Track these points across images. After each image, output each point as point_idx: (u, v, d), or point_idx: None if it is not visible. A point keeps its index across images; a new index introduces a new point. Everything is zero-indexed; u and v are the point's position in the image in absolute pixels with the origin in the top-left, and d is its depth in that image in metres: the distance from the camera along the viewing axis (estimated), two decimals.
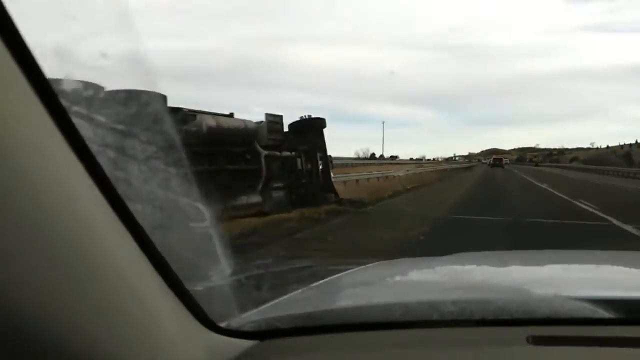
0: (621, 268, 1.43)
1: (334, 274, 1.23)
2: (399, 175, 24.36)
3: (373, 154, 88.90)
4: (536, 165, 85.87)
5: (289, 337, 0.85)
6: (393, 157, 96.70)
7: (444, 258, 1.48)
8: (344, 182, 16.10)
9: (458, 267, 1.41)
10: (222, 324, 0.81)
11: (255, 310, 0.92)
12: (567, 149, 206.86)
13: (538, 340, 0.75)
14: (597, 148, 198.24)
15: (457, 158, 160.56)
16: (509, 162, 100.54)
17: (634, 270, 1.35)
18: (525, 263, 1.50)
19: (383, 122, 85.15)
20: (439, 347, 0.80)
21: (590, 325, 0.79)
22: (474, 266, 1.45)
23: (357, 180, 17.93)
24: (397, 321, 0.83)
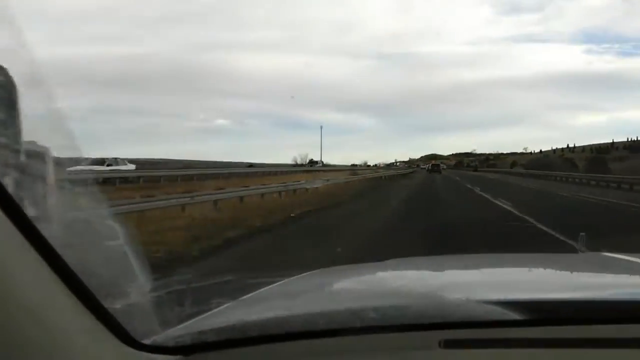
0: (532, 270, 1.60)
1: (257, 288, 1.27)
2: (313, 187, 20.45)
3: (312, 160, 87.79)
4: (475, 171, 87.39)
5: (214, 351, 0.87)
6: (324, 164, 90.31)
7: (373, 265, 1.59)
8: (215, 202, 12.16)
9: (383, 274, 1.52)
10: (146, 341, 0.82)
11: (180, 326, 0.93)
12: (502, 154, 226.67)
13: (449, 344, 0.83)
14: (531, 152, 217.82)
15: (398, 164, 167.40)
16: (445, 167, 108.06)
17: (542, 272, 1.52)
18: (447, 268, 1.63)
19: (321, 127, 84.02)
20: (359, 354, 0.85)
21: (500, 328, 0.86)
22: (399, 272, 1.56)
23: (241, 198, 14.12)
24: (321, 330, 0.88)
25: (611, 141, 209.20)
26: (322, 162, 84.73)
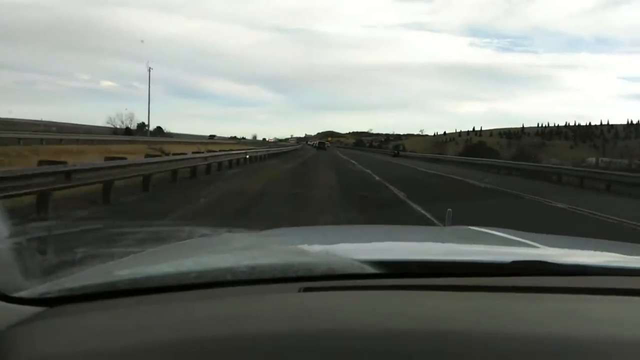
0: (397, 237, 2.03)
1: (121, 237, 1.45)
2: None
3: (143, 125, 72.80)
4: (397, 155, 70.99)
5: (79, 303, 1.03)
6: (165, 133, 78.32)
7: (257, 233, 1.89)
8: None
9: (263, 238, 1.81)
10: (10, 293, 0.97)
11: (49, 283, 1.08)
12: (399, 135, 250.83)
13: (307, 290, 1.08)
14: (426, 135, 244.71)
15: (291, 139, 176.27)
16: (330, 144, 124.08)
17: (405, 239, 1.94)
18: (324, 235, 2.00)
19: (150, 69, 70.31)
20: (226, 299, 1.09)
21: (355, 280, 1.15)
22: (280, 237, 1.88)
23: None
24: (193, 283, 1.09)
25: (521, 126, 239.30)
26: (148, 129, 69.87)
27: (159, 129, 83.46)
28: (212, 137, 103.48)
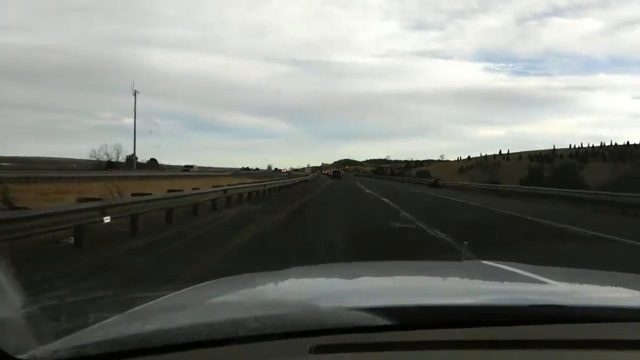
0: (410, 277, 2.13)
1: (135, 303, 1.51)
2: None
3: (131, 158, 68.29)
4: (436, 185, 56.77)
5: None
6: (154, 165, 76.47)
7: (264, 274, 1.97)
8: None
9: (270, 284, 1.91)
10: (21, 356, 1.03)
11: (59, 341, 1.14)
12: (419, 161, 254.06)
13: (319, 349, 1.12)
14: (447, 161, 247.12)
15: (307, 169, 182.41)
16: (345, 173, 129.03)
17: (418, 279, 2.04)
18: (333, 276, 2.12)
19: (135, 93, 67.91)
20: None
21: (368, 333, 1.18)
22: (286, 282, 1.97)
23: None
24: (204, 340, 1.14)
25: (552, 148, 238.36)
26: (134, 159, 65.88)
27: (152, 161, 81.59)
28: (187, 168, 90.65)
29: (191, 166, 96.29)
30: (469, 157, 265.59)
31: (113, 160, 69.70)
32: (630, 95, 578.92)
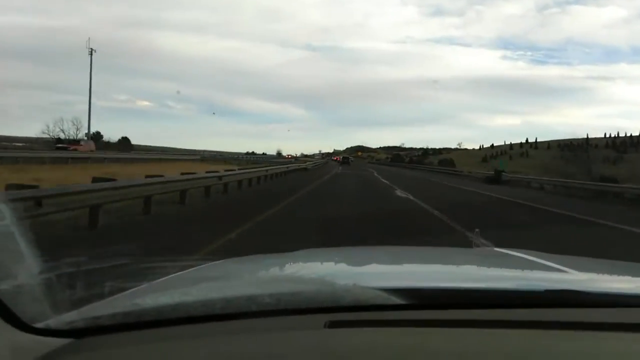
0: (424, 262, 2.19)
1: (151, 272, 1.60)
2: None
3: (94, 135, 59.78)
4: (497, 181, 40.14)
5: (107, 335, 1.16)
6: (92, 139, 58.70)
7: (280, 255, 2.05)
8: None
9: (287, 263, 2.00)
10: (37, 325, 1.10)
11: (74, 311, 1.22)
12: (436, 149, 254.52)
13: (334, 324, 1.18)
14: (465, 149, 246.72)
15: (317, 155, 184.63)
16: (353, 159, 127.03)
17: (432, 264, 2.11)
18: (349, 258, 2.19)
19: (91, 51, 60.41)
20: (251, 334, 1.19)
21: (382, 311, 1.25)
22: (302, 262, 2.06)
23: None
24: (218, 314, 1.21)
25: (586, 136, 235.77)
26: (88, 137, 56.01)
27: (124, 141, 68.95)
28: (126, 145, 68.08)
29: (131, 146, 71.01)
30: (492, 145, 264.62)
31: (70, 137, 59.41)
32: None
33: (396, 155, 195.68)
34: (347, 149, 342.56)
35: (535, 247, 2.25)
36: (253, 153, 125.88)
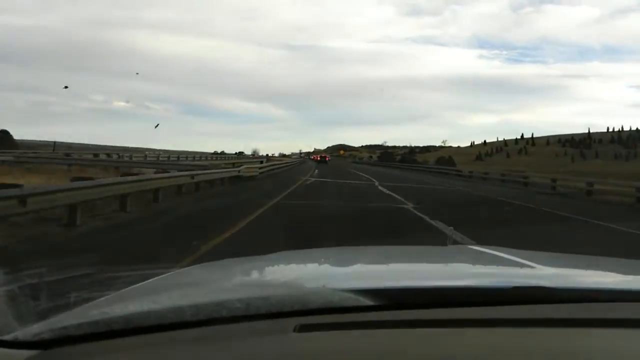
0: (396, 261, 2.32)
1: (115, 281, 1.67)
2: None
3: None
4: None
5: (76, 345, 1.22)
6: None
7: (252, 258, 2.21)
8: None
9: (258, 266, 2.09)
10: (5, 337, 1.16)
11: (43, 322, 1.28)
12: (420, 147, 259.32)
13: (304, 328, 1.25)
14: (450, 147, 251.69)
15: (294, 155, 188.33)
16: (330, 158, 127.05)
17: (404, 262, 2.25)
18: (321, 260, 2.32)
19: None
20: (222, 341, 1.25)
21: (352, 313, 1.32)
22: (274, 265, 2.17)
23: None
24: (189, 321, 1.27)
25: (587, 131, 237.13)
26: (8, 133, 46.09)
27: (3, 133, 56.50)
28: None
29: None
30: (484, 142, 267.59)
31: None
32: (624, 84, 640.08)
33: (385, 154, 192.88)
34: (328, 147, 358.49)
35: None
36: (222, 153, 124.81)
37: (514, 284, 1.51)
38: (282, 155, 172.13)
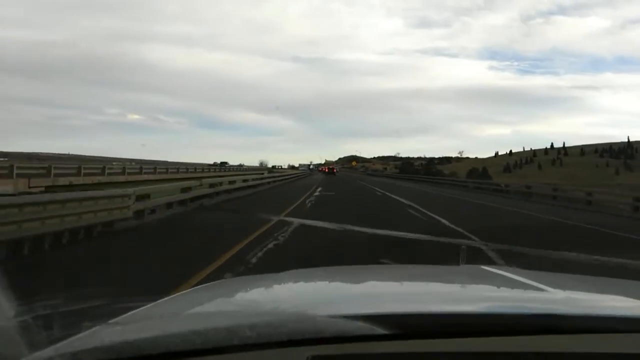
0: (410, 283, 2.39)
1: (129, 311, 1.74)
2: None
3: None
4: None
5: None
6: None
7: (262, 277, 2.33)
8: None
9: (269, 289, 2.17)
10: None
11: (51, 347, 1.35)
12: (438, 158, 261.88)
13: (316, 359, 1.30)
14: (467, 158, 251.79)
15: (301, 167, 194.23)
16: (338, 170, 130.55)
17: (419, 284, 2.32)
18: (333, 280, 2.43)
19: None
20: None
21: (367, 342, 1.36)
22: (286, 286, 2.27)
23: None
24: (198, 349, 1.33)
25: (627, 140, 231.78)
26: None
27: None
28: None
29: None
30: (510, 152, 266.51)
31: None
32: (637, 95, 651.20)
33: (407, 164, 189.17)
34: (339, 159, 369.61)
35: None
36: (225, 164, 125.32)
37: (528, 310, 1.57)
38: (291, 167, 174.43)
